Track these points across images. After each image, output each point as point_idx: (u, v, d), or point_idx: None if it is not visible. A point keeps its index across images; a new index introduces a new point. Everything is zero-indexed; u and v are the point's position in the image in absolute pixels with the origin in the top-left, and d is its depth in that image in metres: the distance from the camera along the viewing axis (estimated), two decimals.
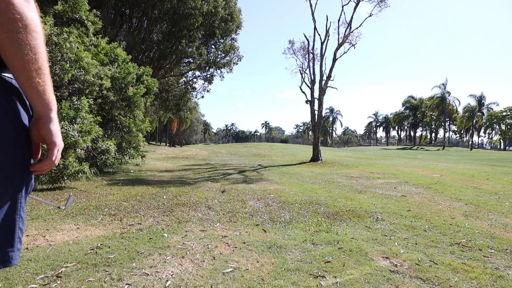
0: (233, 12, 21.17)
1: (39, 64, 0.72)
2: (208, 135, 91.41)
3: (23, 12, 0.67)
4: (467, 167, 12.05)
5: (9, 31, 0.66)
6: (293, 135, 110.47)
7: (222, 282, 2.36)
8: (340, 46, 15.82)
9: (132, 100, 9.48)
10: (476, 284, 2.40)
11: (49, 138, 0.78)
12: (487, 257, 2.96)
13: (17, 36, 0.67)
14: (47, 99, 0.76)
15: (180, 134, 47.65)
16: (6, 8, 0.65)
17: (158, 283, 2.32)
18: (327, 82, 15.66)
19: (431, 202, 5.66)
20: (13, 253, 0.77)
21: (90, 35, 9.15)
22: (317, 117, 15.93)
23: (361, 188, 7.22)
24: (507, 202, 5.65)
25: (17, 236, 0.78)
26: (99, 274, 2.41)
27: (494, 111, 57.18)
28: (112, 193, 6.00)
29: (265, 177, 9.25)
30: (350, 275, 2.53)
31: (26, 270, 2.42)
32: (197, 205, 5.12)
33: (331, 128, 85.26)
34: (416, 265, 2.73)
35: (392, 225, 4.10)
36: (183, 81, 27.19)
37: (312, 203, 5.39)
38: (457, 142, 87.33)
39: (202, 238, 3.45)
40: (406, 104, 64.11)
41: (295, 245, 3.24)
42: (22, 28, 0.67)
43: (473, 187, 7.41)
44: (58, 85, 7.14)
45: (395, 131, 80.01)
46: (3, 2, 0.65)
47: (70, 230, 3.59)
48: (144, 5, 18.98)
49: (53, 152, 0.79)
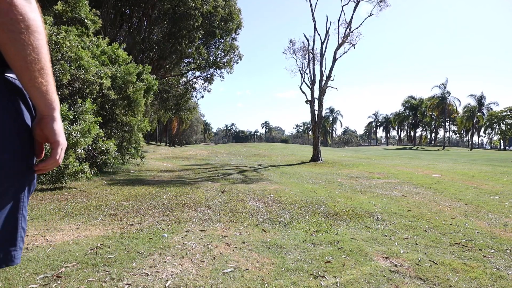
0: (232, 12, 21.17)
1: (41, 64, 0.72)
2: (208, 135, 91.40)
3: (25, 12, 0.68)
4: (467, 167, 12.05)
5: (12, 32, 0.66)
6: (293, 135, 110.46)
7: (222, 282, 2.36)
8: (340, 46, 15.82)
9: (132, 99, 9.48)
10: (476, 284, 2.40)
11: (52, 137, 0.79)
12: (487, 257, 2.96)
13: (20, 36, 0.67)
14: (50, 99, 0.76)
15: (180, 134, 47.66)
16: (8, 9, 0.65)
17: (158, 283, 2.32)
18: (327, 82, 15.66)
19: (431, 202, 5.66)
20: (15, 252, 0.77)
21: (90, 34, 9.15)
22: (317, 117, 15.93)
23: (361, 188, 7.22)
24: (507, 202, 5.65)
25: (20, 235, 0.78)
26: (99, 274, 2.41)
27: (494, 111, 57.21)
28: (112, 193, 6.00)
29: (265, 177, 9.25)
30: (350, 275, 2.53)
31: (26, 270, 2.42)
32: (197, 205, 5.12)
33: (331, 128, 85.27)
34: (416, 265, 2.73)
35: (392, 225, 4.10)
36: (183, 81, 27.21)
37: (312, 203, 5.39)
38: (457, 142, 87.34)
39: (202, 238, 3.45)
40: (406, 104, 64.10)
41: (295, 245, 3.24)
42: (24, 29, 0.68)
43: (473, 187, 7.41)
44: (58, 84, 7.14)
45: (395, 131, 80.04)
46: (5, 3, 0.65)
47: (70, 230, 3.59)
48: (144, 5, 18.99)
49: (56, 151, 0.80)
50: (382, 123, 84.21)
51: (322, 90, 15.71)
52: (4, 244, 0.75)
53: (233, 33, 22.52)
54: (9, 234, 0.76)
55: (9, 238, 0.76)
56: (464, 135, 66.45)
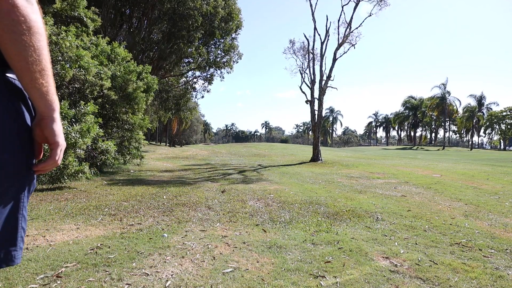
0: (232, 11, 21.16)
1: (42, 65, 0.73)
2: (208, 135, 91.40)
3: (27, 14, 0.68)
4: (467, 167, 12.05)
5: (13, 33, 0.67)
6: (293, 135, 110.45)
7: (222, 282, 2.36)
8: (340, 46, 15.82)
9: (132, 97, 9.48)
10: (476, 284, 2.40)
11: (52, 138, 0.79)
12: (487, 257, 2.96)
13: (21, 37, 0.68)
14: (50, 100, 0.77)
15: (180, 134, 47.64)
16: (10, 10, 0.66)
17: (158, 283, 2.32)
18: (327, 82, 15.66)
19: (431, 202, 5.66)
20: (15, 252, 0.78)
21: (90, 33, 9.15)
22: (317, 117, 15.93)
23: (361, 188, 7.21)
24: (507, 202, 5.65)
25: (20, 235, 0.79)
26: (99, 274, 2.41)
27: (494, 111, 57.21)
28: (112, 193, 5.99)
29: (265, 177, 9.25)
30: (350, 275, 2.53)
31: (26, 270, 2.42)
32: (197, 205, 5.12)
33: (331, 128, 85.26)
34: (416, 265, 2.73)
35: (392, 225, 4.10)
36: (183, 81, 27.19)
37: (312, 203, 5.39)
38: (457, 142, 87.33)
39: (202, 238, 3.45)
40: (406, 104, 64.06)
41: (295, 245, 3.24)
42: (26, 30, 0.68)
43: (473, 187, 7.41)
44: (58, 85, 7.14)
45: (395, 131, 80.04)
46: (7, 4, 0.66)
47: (70, 230, 3.59)
48: (144, 5, 18.99)
49: (56, 152, 0.81)
50: (382, 123, 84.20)
51: (322, 90, 15.71)
52: (4, 244, 0.76)
53: (233, 33, 22.50)
54: (9, 234, 0.76)
55: (9, 238, 0.76)
56: (464, 135, 66.46)
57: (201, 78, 25.53)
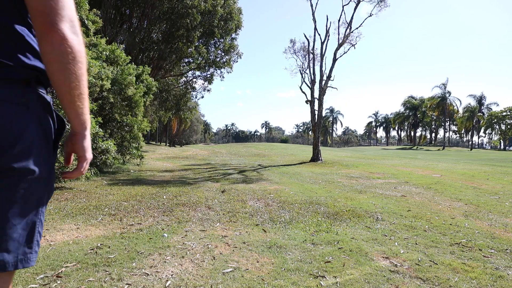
0: (232, 11, 21.16)
1: (81, 90, 0.82)
2: (208, 135, 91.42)
3: (74, 45, 0.78)
4: (467, 167, 12.05)
5: (61, 63, 0.77)
6: (293, 135, 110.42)
7: (222, 282, 2.36)
8: (340, 46, 15.81)
9: (132, 100, 9.49)
10: (476, 284, 2.40)
11: (81, 152, 0.90)
12: (487, 257, 2.96)
13: (67, 66, 0.77)
14: (84, 119, 0.87)
15: (180, 134, 47.63)
16: (60, 43, 0.76)
17: (158, 283, 2.32)
18: (327, 82, 15.65)
19: (431, 202, 5.66)
20: (31, 254, 0.83)
21: (91, 34, 9.15)
22: (317, 117, 15.92)
23: (361, 188, 7.21)
24: (507, 202, 5.65)
25: (36, 239, 0.84)
26: (99, 274, 2.41)
27: (494, 111, 57.22)
28: (112, 193, 6.00)
29: (265, 177, 9.25)
30: (350, 275, 2.53)
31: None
32: (197, 205, 5.12)
33: (331, 128, 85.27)
34: (416, 265, 2.73)
35: (392, 225, 4.10)
36: (183, 81, 27.20)
37: (312, 203, 5.39)
38: (457, 142, 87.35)
39: (202, 238, 3.45)
40: (406, 104, 64.08)
41: (295, 245, 3.24)
42: (71, 60, 0.78)
43: (473, 187, 7.41)
44: None
45: (395, 131, 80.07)
46: (59, 37, 0.75)
47: (70, 230, 3.59)
48: (144, 5, 18.98)
49: (82, 164, 0.91)
50: (382, 123, 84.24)
51: (322, 90, 15.70)
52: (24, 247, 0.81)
53: (233, 33, 22.48)
54: (28, 237, 0.82)
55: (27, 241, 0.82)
56: (464, 135, 66.47)
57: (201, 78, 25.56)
